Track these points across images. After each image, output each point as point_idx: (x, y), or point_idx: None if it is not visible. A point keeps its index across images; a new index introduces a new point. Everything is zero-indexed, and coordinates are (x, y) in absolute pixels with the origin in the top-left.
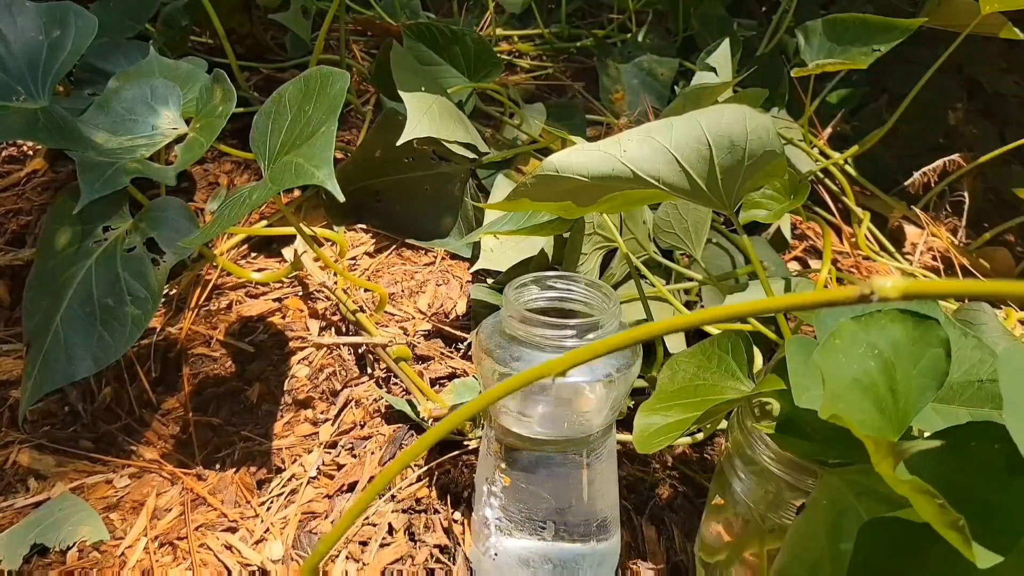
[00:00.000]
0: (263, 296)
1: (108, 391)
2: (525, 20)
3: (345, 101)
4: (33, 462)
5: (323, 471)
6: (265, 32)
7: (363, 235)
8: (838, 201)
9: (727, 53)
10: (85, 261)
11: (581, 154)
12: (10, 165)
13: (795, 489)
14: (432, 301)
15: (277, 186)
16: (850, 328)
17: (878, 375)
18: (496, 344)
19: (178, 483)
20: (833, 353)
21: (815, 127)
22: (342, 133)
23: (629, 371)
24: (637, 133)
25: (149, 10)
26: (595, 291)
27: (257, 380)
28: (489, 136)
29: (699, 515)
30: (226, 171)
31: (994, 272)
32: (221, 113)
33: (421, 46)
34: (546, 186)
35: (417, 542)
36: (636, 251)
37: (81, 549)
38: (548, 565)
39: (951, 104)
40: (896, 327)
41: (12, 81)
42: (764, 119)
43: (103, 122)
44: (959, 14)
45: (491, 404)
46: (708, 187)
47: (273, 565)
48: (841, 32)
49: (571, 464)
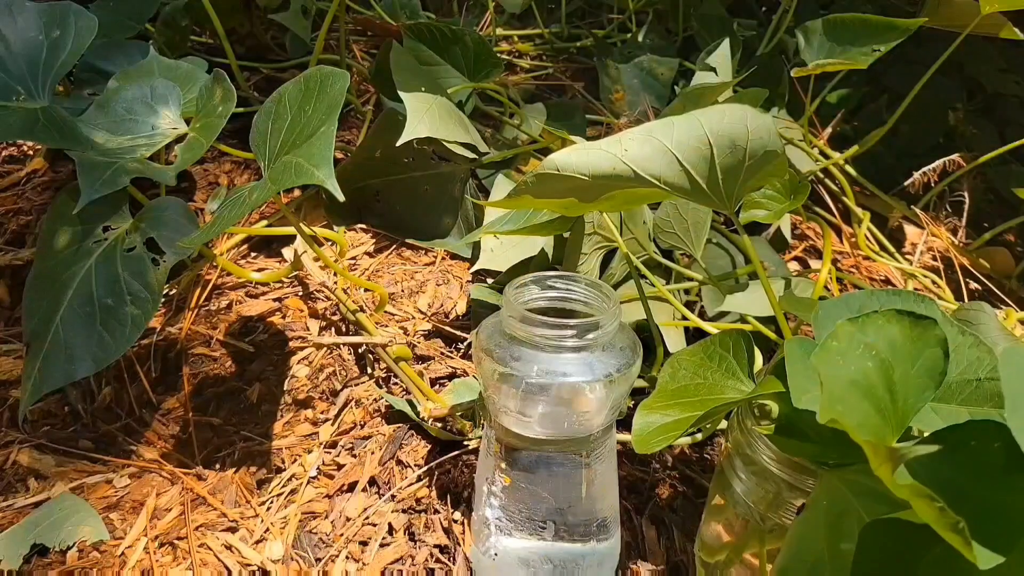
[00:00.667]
0: (263, 296)
1: (108, 391)
2: (525, 20)
3: (345, 101)
4: (33, 462)
5: (323, 471)
6: (265, 32)
7: (363, 235)
8: (838, 201)
9: (727, 53)
10: (85, 261)
11: (582, 153)
12: (10, 165)
13: (795, 489)
14: (432, 301)
15: (277, 186)
16: (847, 329)
17: (876, 376)
18: (496, 344)
19: (178, 483)
20: (831, 355)
21: (815, 127)
22: (342, 133)
23: (629, 371)
24: (638, 132)
25: (149, 10)
26: (595, 291)
27: (257, 380)
28: (489, 136)
29: (699, 515)
30: (226, 171)
31: (994, 272)
32: (221, 113)
33: (421, 46)
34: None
35: (417, 542)
36: (636, 251)
37: (81, 549)
38: (548, 565)
39: (951, 104)
40: (893, 327)
41: (12, 81)
42: (765, 119)
43: (103, 122)
44: (959, 14)
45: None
46: (709, 187)
47: (273, 565)
48: (841, 32)
49: (571, 464)
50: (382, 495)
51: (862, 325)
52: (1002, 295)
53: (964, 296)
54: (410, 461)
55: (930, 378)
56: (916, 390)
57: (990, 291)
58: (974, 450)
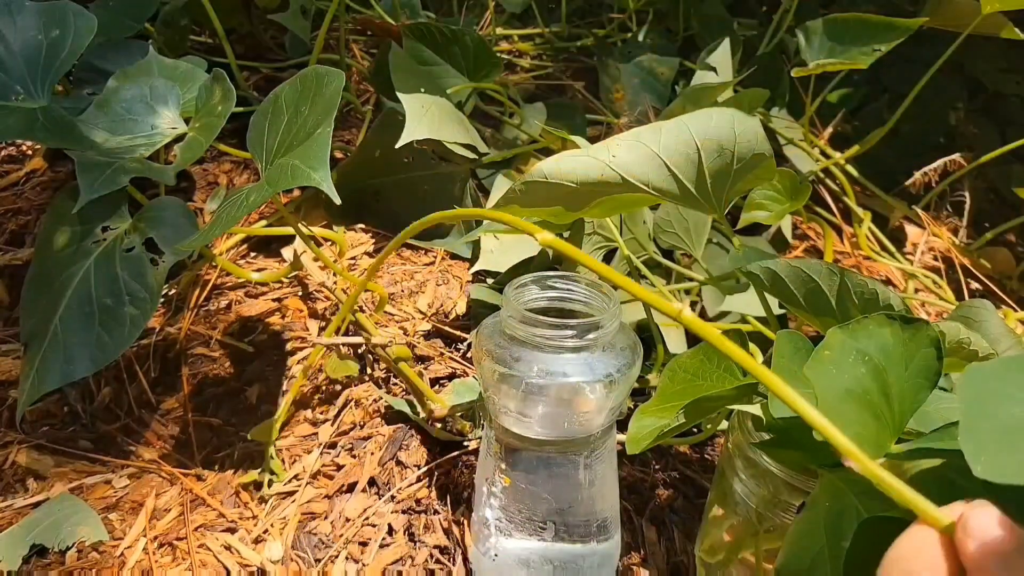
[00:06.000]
0: (262, 296)
1: (107, 391)
2: (525, 19)
3: (345, 101)
4: (32, 462)
5: (323, 471)
6: (264, 32)
7: (363, 235)
8: (839, 201)
9: (727, 53)
10: (84, 261)
11: (570, 160)
12: (9, 165)
13: (795, 489)
14: (432, 301)
15: (274, 188)
16: (838, 337)
17: (870, 381)
18: (496, 344)
19: (177, 483)
20: (823, 365)
21: (816, 127)
22: (342, 133)
23: (629, 371)
24: (626, 138)
25: (149, 10)
26: (595, 291)
27: (256, 380)
28: (489, 136)
29: (699, 515)
30: (225, 171)
31: (995, 272)
32: (220, 113)
33: (421, 46)
34: (536, 192)
35: (417, 543)
36: (636, 251)
37: (80, 549)
38: (548, 566)
39: (952, 104)
40: (884, 331)
41: (11, 80)
42: (752, 122)
43: (102, 122)
44: (960, 14)
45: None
46: (697, 191)
47: (272, 566)
48: (842, 32)
49: (571, 465)
50: (382, 496)
51: (853, 332)
52: (1003, 295)
53: (965, 296)
54: (410, 462)
55: (925, 379)
56: (912, 391)
57: (991, 291)
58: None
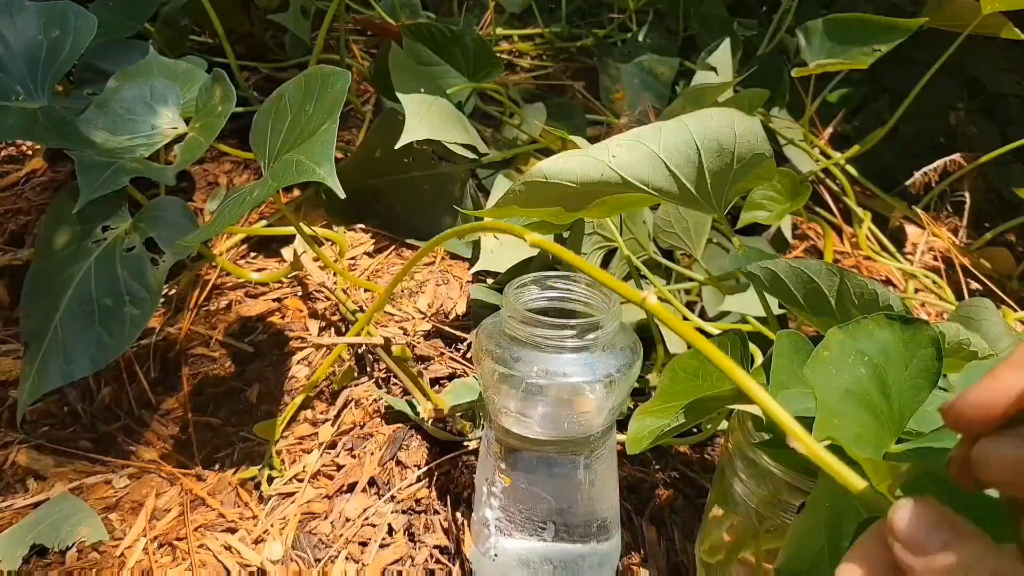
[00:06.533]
0: (263, 296)
1: (107, 391)
2: (525, 20)
3: (345, 101)
4: (32, 462)
5: (323, 471)
6: (265, 32)
7: (363, 235)
8: (839, 201)
9: (727, 53)
10: (84, 261)
11: (570, 160)
12: (9, 165)
13: (795, 489)
14: (432, 301)
15: (278, 183)
16: (838, 337)
17: (869, 382)
18: (496, 344)
19: (177, 483)
20: (823, 366)
21: (816, 127)
22: (342, 133)
23: (630, 371)
24: (626, 138)
25: (149, 10)
26: (595, 291)
27: (256, 380)
28: (489, 136)
29: (699, 515)
30: (225, 171)
31: (995, 272)
32: (220, 113)
33: (421, 46)
34: (535, 192)
35: (417, 543)
36: (636, 251)
37: (80, 549)
38: (548, 566)
39: (952, 104)
40: (884, 332)
41: (12, 81)
42: (752, 122)
43: (102, 122)
44: (960, 14)
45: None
46: (697, 191)
47: (272, 566)
48: (842, 32)
49: (571, 465)
50: (382, 496)
51: (852, 332)
52: (1003, 295)
53: (965, 296)
54: (410, 461)
55: (925, 379)
56: (911, 391)
57: (991, 291)
58: None
